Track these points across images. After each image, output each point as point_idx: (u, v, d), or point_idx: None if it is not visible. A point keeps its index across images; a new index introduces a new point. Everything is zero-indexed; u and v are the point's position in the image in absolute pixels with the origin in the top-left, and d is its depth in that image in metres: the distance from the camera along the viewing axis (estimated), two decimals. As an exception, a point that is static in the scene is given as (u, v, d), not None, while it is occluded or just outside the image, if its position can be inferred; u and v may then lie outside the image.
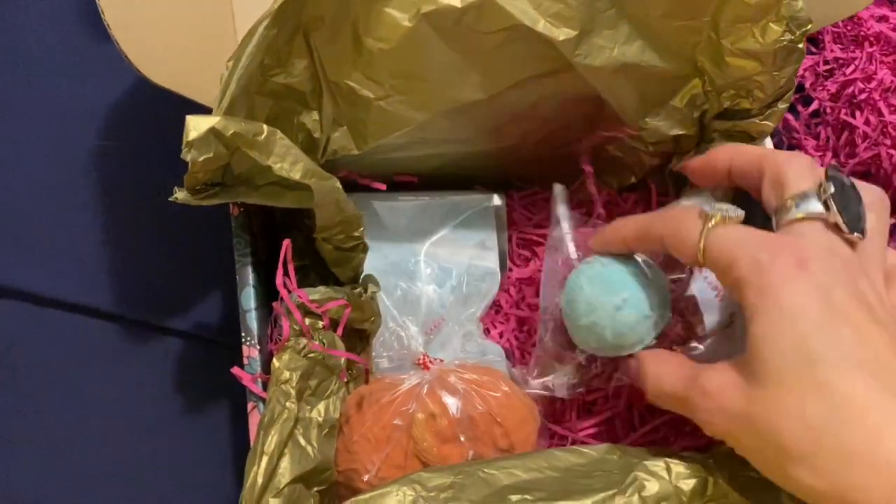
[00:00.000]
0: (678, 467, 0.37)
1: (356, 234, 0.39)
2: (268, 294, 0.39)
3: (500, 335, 0.46)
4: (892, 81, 0.47)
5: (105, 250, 0.45)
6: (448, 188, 0.47)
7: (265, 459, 0.33)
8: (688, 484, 0.37)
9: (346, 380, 0.41)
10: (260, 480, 0.32)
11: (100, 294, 0.44)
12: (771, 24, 0.36)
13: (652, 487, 0.37)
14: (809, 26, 0.36)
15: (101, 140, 0.45)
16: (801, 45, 0.37)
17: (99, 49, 0.45)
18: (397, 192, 0.46)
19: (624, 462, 0.37)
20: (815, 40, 0.52)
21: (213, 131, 0.31)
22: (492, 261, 0.46)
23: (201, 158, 0.31)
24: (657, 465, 0.37)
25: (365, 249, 0.40)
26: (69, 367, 0.43)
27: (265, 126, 0.32)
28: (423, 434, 0.40)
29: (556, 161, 0.47)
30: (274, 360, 0.35)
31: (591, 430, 0.45)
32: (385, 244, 0.45)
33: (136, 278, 0.45)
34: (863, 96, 0.47)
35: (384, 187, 0.42)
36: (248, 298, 0.37)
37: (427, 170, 0.45)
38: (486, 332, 0.46)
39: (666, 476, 0.37)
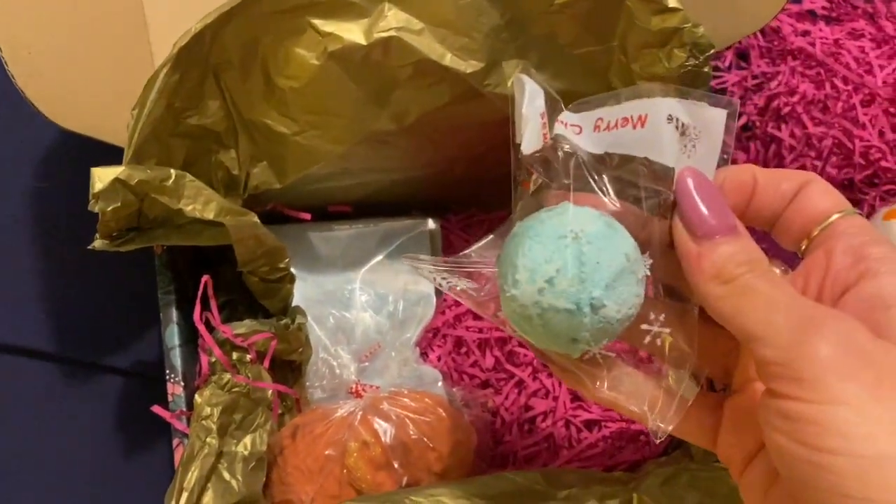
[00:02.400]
0: (603, 488, 0.38)
1: (281, 265, 0.40)
2: (194, 330, 0.39)
3: (438, 358, 0.47)
4: (814, 95, 0.48)
5: (37, 291, 0.46)
6: (385, 214, 0.48)
7: (185, 495, 0.33)
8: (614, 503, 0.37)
9: (279, 411, 0.42)
10: (180, 516, 0.33)
11: (34, 334, 0.45)
12: (675, 49, 0.37)
13: (579, 509, 0.37)
14: (712, 51, 0.37)
15: (30, 183, 0.46)
16: (706, 69, 0.38)
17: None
18: (332, 222, 0.47)
19: (551, 488, 0.38)
20: (744, 55, 0.53)
21: (118, 181, 0.31)
22: (427, 285, 0.47)
23: (110, 208, 0.32)
24: (584, 487, 0.38)
25: (292, 280, 0.41)
26: (2, 408, 0.44)
27: (173, 171, 0.33)
28: (357, 462, 0.40)
29: (492, 182, 0.48)
30: (196, 395, 0.36)
31: (532, 449, 0.46)
32: (320, 274, 0.46)
33: (70, 318, 0.46)
34: (787, 109, 0.48)
35: (309, 217, 0.43)
36: (172, 336, 0.38)
37: (359, 198, 0.46)
38: (424, 355, 0.47)
39: (591, 497, 0.38)
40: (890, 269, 0.24)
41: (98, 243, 0.34)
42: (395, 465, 0.41)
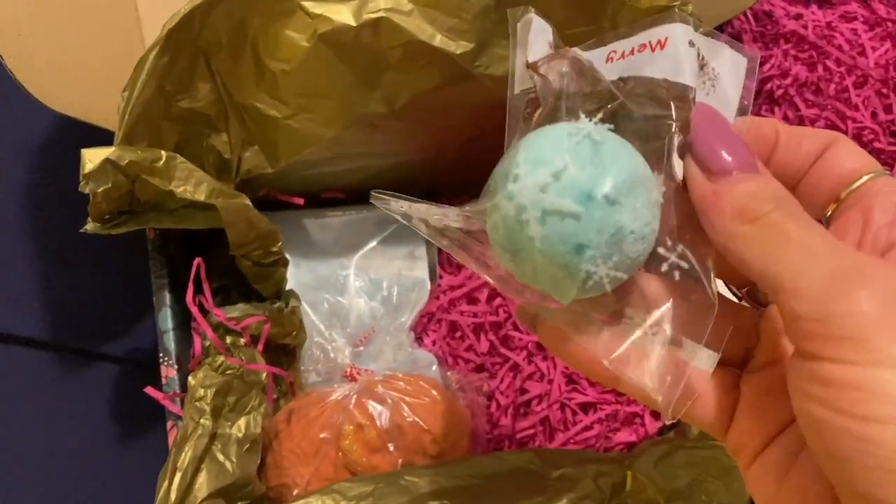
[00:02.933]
0: (596, 467, 0.38)
1: (274, 249, 0.40)
2: (188, 313, 0.39)
3: (433, 343, 0.47)
4: (806, 77, 0.48)
5: (30, 279, 0.46)
6: (378, 201, 0.48)
7: (178, 476, 0.33)
8: (607, 483, 0.38)
9: (274, 396, 0.42)
10: (173, 496, 0.33)
11: (28, 323, 0.45)
12: (664, 26, 0.37)
13: (573, 489, 0.38)
14: (701, 30, 0.37)
15: (20, 171, 0.46)
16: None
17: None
18: (325, 208, 0.47)
19: (546, 467, 0.38)
20: (737, 39, 0.53)
21: (108, 162, 0.31)
22: (421, 270, 0.47)
23: (100, 189, 0.32)
24: (578, 467, 0.38)
25: (285, 264, 0.41)
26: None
27: (164, 152, 0.33)
28: (352, 445, 0.40)
29: (485, 166, 0.48)
30: (189, 377, 0.36)
31: (528, 432, 0.46)
32: (314, 259, 0.46)
33: (63, 306, 0.46)
34: (780, 92, 0.48)
35: (302, 202, 0.43)
36: (165, 319, 0.38)
37: (352, 184, 0.46)
38: (419, 340, 0.47)
39: (586, 476, 0.38)
40: None
41: (90, 226, 0.34)
42: (391, 448, 0.41)
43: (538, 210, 0.21)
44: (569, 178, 0.21)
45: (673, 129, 0.23)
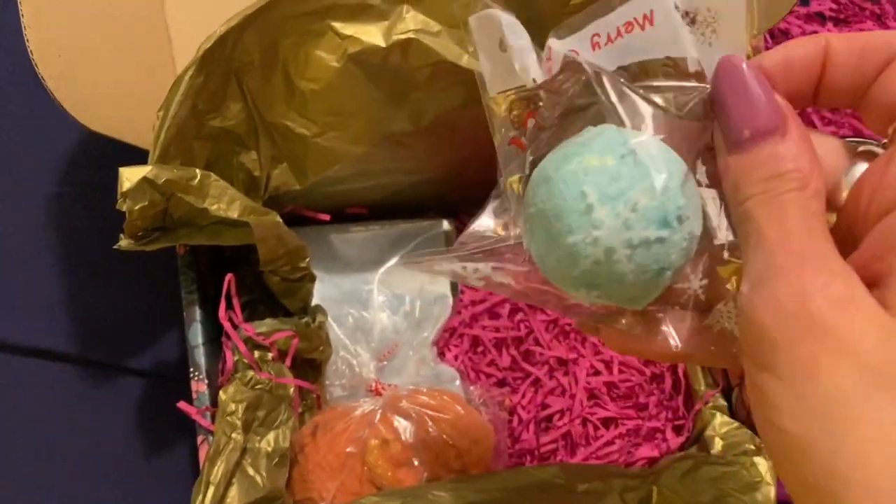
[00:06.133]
0: (622, 482, 0.38)
1: (302, 265, 0.40)
2: (217, 329, 0.40)
3: (455, 357, 0.47)
4: (824, 93, 0.48)
5: (60, 294, 0.47)
6: (400, 216, 0.48)
7: (211, 489, 0.34)
8: (633, 498, 0.38)
9: (300, 410, 0.42)
10: (206, 511, 0.33)
11: (57, 337, 0.45)
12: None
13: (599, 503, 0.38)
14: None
15: (52, 187, 0.47)
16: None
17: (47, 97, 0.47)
18: (349, 224, 0.48)
19: (571, 482, 0.38)
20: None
21: (146, 180, 0.32)
22: (443, 285, 0.48)
23: (137, 207, 0.32)
24: (603, 481, 0.38)
25: (312, 279, 0.41)
26: (27, 410, 0.44)
27: (198, 170, 0.34)
28: (377, 460, 0.41)
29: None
30: (220, 392, 0.36)
31: (549, 447, 0.46)
32: (338, 274, 0.47)
33: (93, 320, 0.46)
34: (797, 110, 0.48)
35: (328, 218, 0.43)
36: (196, 334, 0.39)
37: (375, 199, 0.47)
38: (441, 355, 0.47)
39: (612, 491, 0.38)
40: None
41: (124, 243, 0.34)
42: (415, 463, 0.41)
43: (627, 248, 0.21)
44: (644, 207, 0.21)
45: (699, 101, 0.22)
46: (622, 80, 0.22)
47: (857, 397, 0.17)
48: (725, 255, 0.22)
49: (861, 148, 0.22)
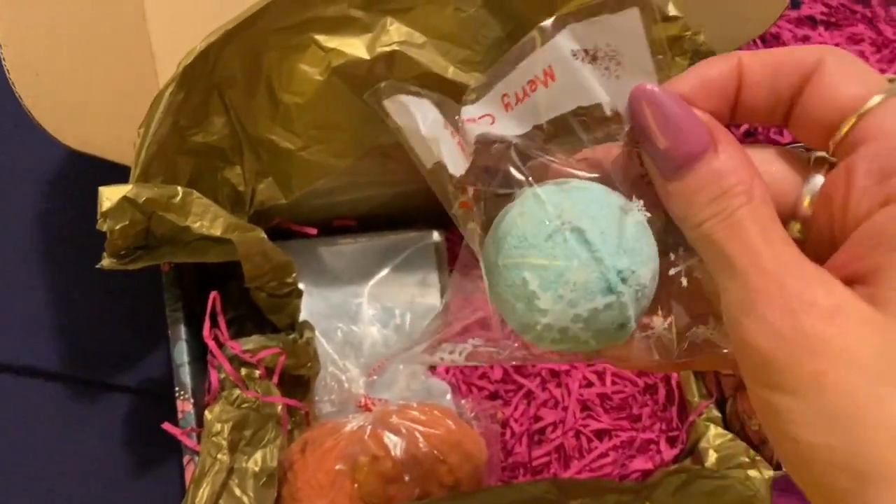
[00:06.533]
0: (615, 497, 0.38)
1: (288, 280, 0.40)
2: (203, 347, 0.39)
3: (447, 370, 0.47)
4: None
5: (46, 311, 0.46)
6: (389, 228, 0.48)
7: (196, 513, 0.33)
8: (625, 512, 0.37)
9: (289, 427, 0.42)
10: (192, 534, 0.33)
11: (43, 354, 0.45)
12: (677, 57, 0.37)
13: (591, 517, 0.37)
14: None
15: (36, 204, 0.46)
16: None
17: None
18: (337, 236, 0.47)
19: (563, 497, 0.38)
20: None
21: (126, 200, 0.32)
22: (434, 297, 0.47)
23: (118, 227, 0.32)
24: (595, 497, 0.38)
25: (299, 295, 0.41)
26: (9, 428, 0.44)
27: (180, 188, 0.33)
28: (367, 477, 0.40)
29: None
30: (206, 412, 0.36)
31: (543, 460, 0.45)
32: (326, 288, 0.46)
33: (78, 337, 0.46)
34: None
35: (315, 232, 0.43)
36: (181, 353, 0.38)
37: (363, 212, 0.46)
38: (432, 368, 0.47)
39: (603, 506, 0.37)
40: None
41: (106, 262, 0.34)
42: (406, 479, 0.40)
43: (579, 322, 0.21)
44: (583, 282, 0.21)
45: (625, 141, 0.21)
46: (532, 146, 0.22)
47: (869, 401, 0.17)
48: (684, 282, 0.22)
49: (815, 156, 0.21)
